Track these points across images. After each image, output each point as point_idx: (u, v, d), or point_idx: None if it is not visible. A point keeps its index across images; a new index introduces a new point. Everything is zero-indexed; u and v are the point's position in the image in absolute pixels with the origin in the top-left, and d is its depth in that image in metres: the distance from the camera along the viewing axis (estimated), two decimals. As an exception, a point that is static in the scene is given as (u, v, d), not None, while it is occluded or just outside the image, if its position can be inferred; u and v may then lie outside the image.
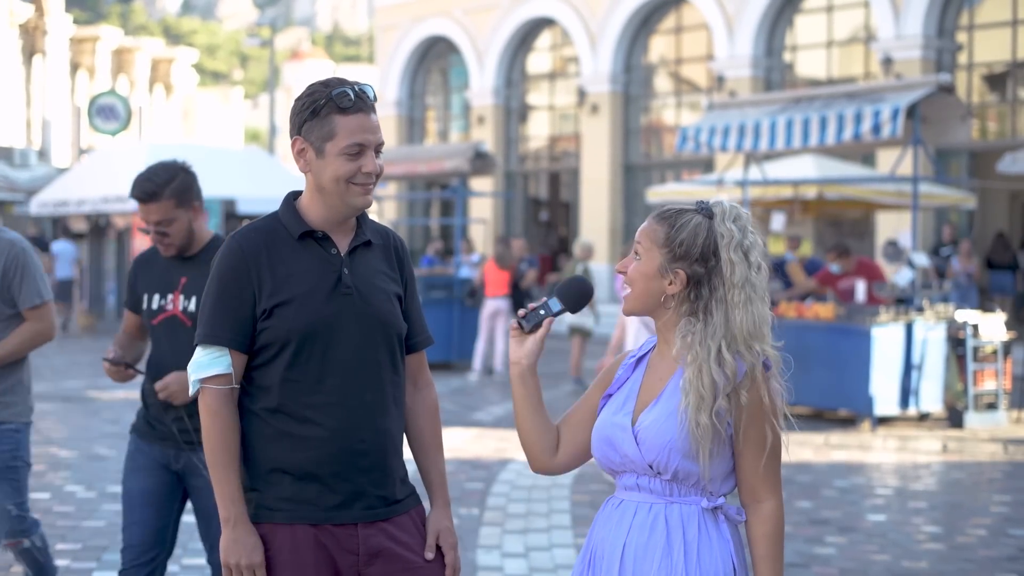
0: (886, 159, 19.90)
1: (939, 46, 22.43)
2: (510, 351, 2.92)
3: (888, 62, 22.44)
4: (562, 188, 31.47)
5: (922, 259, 13.86)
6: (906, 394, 12.15)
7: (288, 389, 3.00)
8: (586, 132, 28.23)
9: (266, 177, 24.44)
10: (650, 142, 28.46)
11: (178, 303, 4.44)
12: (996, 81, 23.11)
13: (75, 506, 8.04)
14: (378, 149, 3.01)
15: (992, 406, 12.24)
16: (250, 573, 2.95)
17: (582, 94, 28.06)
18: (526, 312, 2.89)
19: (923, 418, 12.54)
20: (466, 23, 30.70)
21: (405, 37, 32.46)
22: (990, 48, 22.62)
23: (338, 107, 2.96)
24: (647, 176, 27.74)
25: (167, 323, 4.45)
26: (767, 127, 14.16)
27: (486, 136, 29.23)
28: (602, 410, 2.91)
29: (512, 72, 30.40)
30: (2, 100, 39.54)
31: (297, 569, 2.98)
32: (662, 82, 28.43)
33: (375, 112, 3.02)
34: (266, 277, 2.99)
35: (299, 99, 3.03)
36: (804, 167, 17.16)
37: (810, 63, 25.50)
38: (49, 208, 25.81)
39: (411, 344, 3.19)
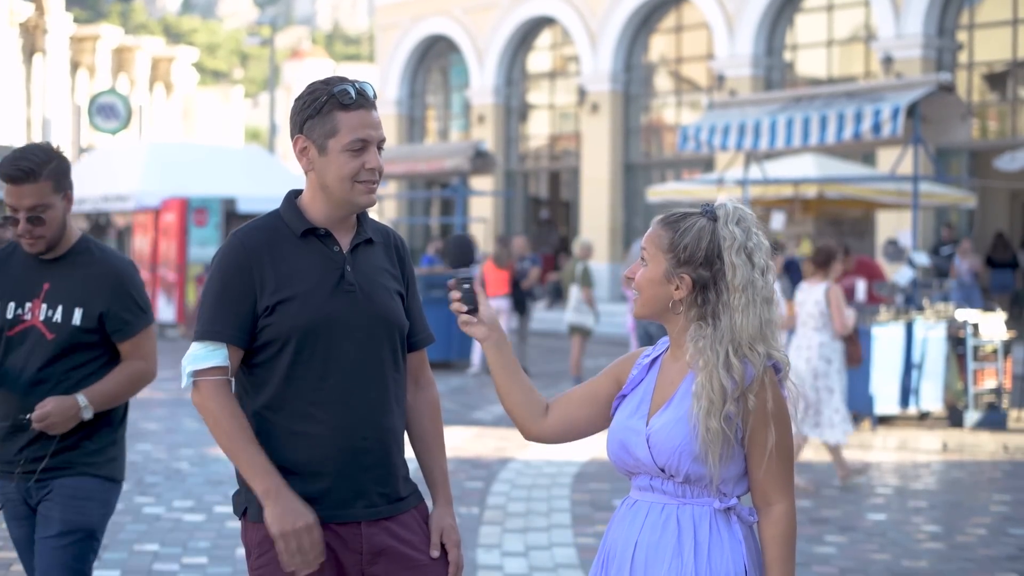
0: (886, 158, 19.89)
1: (939, 45, 22.43)
2: (475, 333, 2.93)
3: (888, 61, 22.44)
4: (562, 187, 31.47)
5: (922, 258, 13.87)
6: (906, 393, 12.15)
7: (291, 387, 2.99)
8: (586, 131, 28.23)
9: (266, 176, 24.44)
10: (650, 141, 28.46)
11: (38, 312, 3.89)
12: (996, 80, 23.11)
13: (75, 505, 8.03)
14: (380, 145, 3.02)
15: (992, 405, 12.25)
16: (308, 534, 2.88)
17: (582, 93, 28.05)
18: (457, 297, 2.91)
19: (923, 417, 12.54)
20: (466, 22, 30.69)
21: (405, 36, 32.46)
22: (990, 47, 22.62)
23: (340, 103, 2.96)
24: (647, 175, 27.74)
25: (25, 335, 3.89)
26: (767, 126, 14.16)
27: (486, 135, 29.23)
28: (616, 411, 2.93)
29: (512, 71, 30.40)
30: (2, 99, 39.54)
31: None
32: (662, 81, 28.43)
33: (376, 109, 3.03)
34: (268, 274, 2.98)
35: (300, 98, 3.03)
36: (804, 166, 17.15)
37: (810, 62, 25.50)
38: (49, 207, 25.81)
39: (413, 342, 3.19)
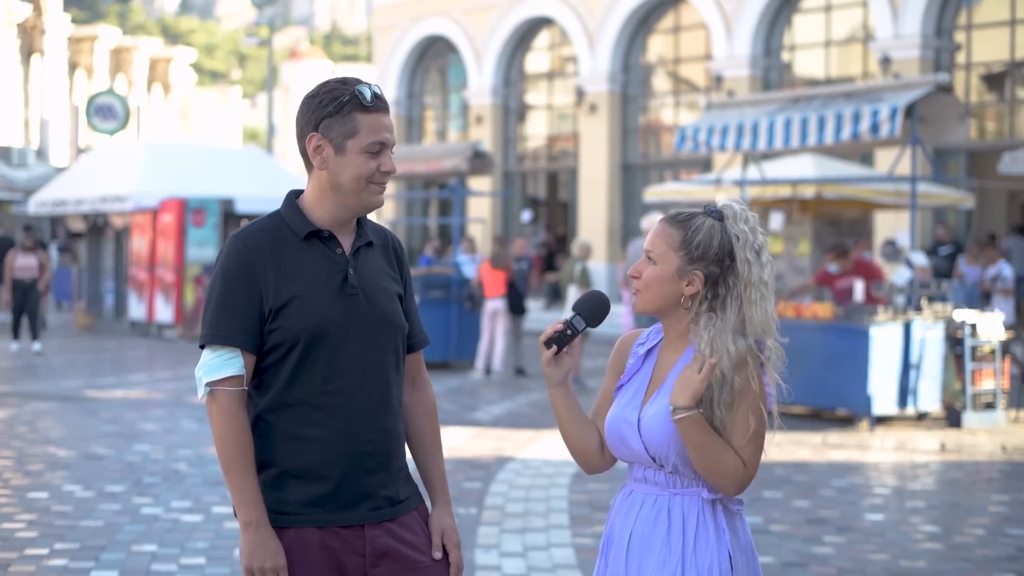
0: (884, 159, 19.90)
1: (937, 46, 22.44)
2: (547, 373, 2.97)
3: (886, 62, 22.45)
4: (560, 187, 31.47)
5: (920, 258, 13.86)
6: (904, 394, 12.15)
7: (295, 390, 2.98)
8: (584, 132, 28.22)
9: (264, 176, 24.45)
10: (648, 142, 28.47)
11: None
12: (994, 81, 23.12)
13: (73, 505, 8.03)
14: (392, 149, 3.03)
15: (990, 405, 12.25)
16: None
17: (580, 94, 28.05)
18: (553, 335, 2.94)
19: (921, 418, 12.53)
20: (464, 23, 30.69)
21: (403, 37, 32.45)
22: (988, 48, 22.63)
23: (361, 105, 2.94)
24: (645, 176, 27.75)
25: None
26: (765, 127, 14.16)
27: (484, 135, 29.23)
28: (615, 402, 3.00)
29: (510, 72, 30.39)
30: (1, 99, 39.52)
31: (304, 572, 2.97)
32: (660, 82, 28.43)
33: (389, 112, 3.03)
34: (272, 277, 2.96)
35: (316, 95, 2.99)
36: (802, 167, 17.15)
37: (808, 63, 25.51)
38: (47, 207, 25.80)
39: (410, 344, 3.18)
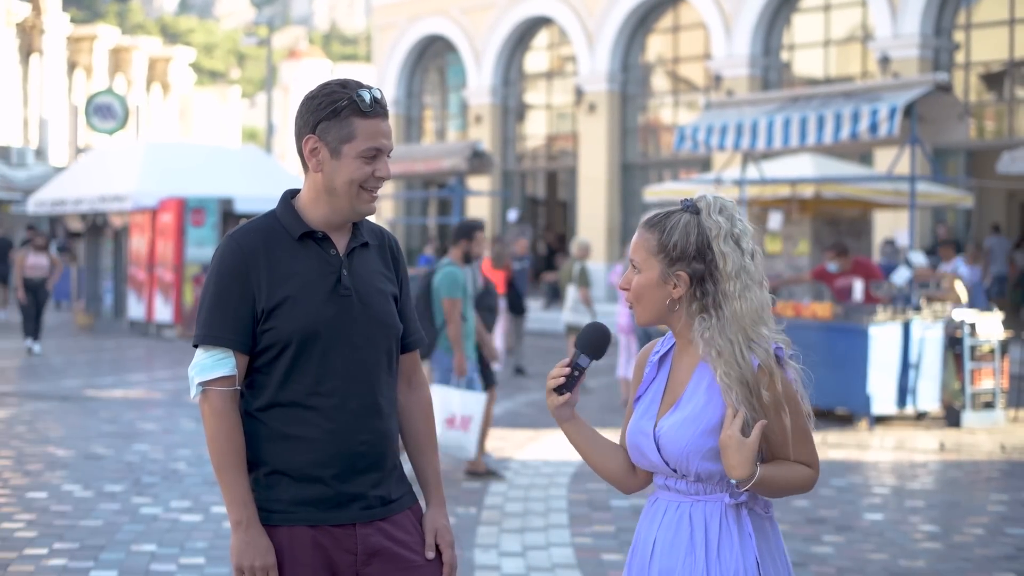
0: (883, 158, 19.90)
1: (936, 45, 22.44)
2: (558, 415, 2.92)
3: (885, 61, 22.45)
4: (559, 187, 31.46)
5: (919, 258, 13.87)
6: (903, 393, 12.16)
7: (287, 390, 2.98)
8: (583, 131, 28.22)
9: (263, 176, 24.43)
10: (647, 141, 28.46)
11: None
12: (993, 80, 23.12)
13: (72, 505, 8.03)
14: (388, 154, 3.02)
15: (989, 405, 12.26)
16: (264, 574, 2.93)
17: (579, 93, 28.05)
18: (563, 380, 2.89)
19: (920, 417, 12.54)
20: (463, 22, 30.69)
21: (402, 36, 32.45)
22: (987, 47, 22.63)
23: (359, 109, 2.93)
24: (644, 175, 27.75)
25: None
26: (764, 126, 14.16)
27: (483, 135, 29.22)
28: (633, 413, 2.95)
29: (509, 71, 30.39)
30: (-1, 99, 39.51)
31: (295, 570, 2.97)
32: (659, 81, 28.43)
33: (388, 117, 3.01)
34: (265, 277, 2.97)
35: (314, 97, 2.98)
36: (801, 166, 17.15)
37: (807, 62, 25.51)
38: (46, 207, 25.79)
39: (405, 343, 3.18)
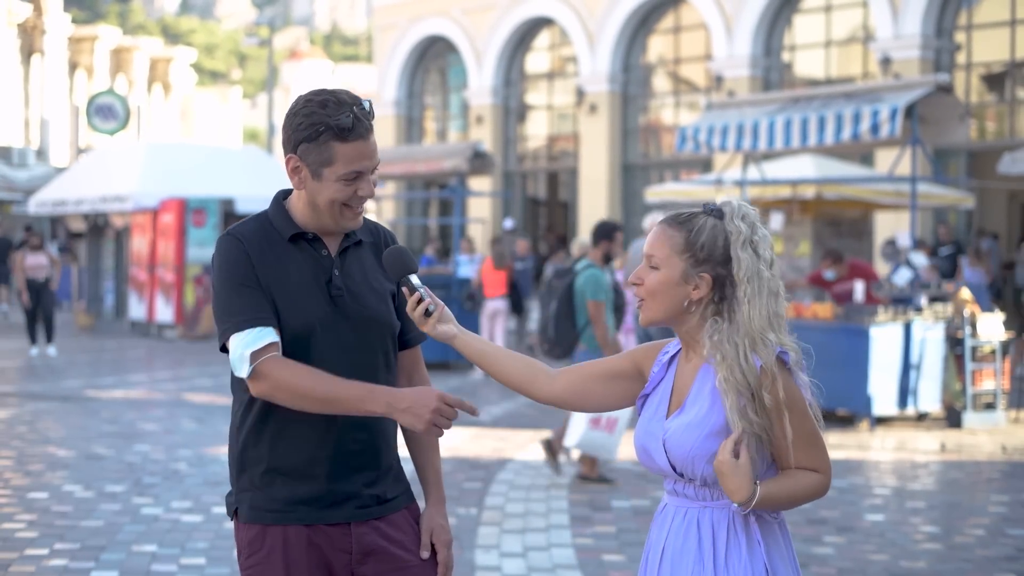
0: (884, 159, 19.89)
1: (937, 46, 22.44)
2: (439, 334, 2.94)
3: (886, 62, 22.44)
4: (560, 188, 31.45)
5: (920, 259, 13.87)
6: (904, 394, 12.15)
7: None
8: (584, 132, 28.22)
9: (264, 176, 24.40)
10: (648, 142, 28.46)
11: None
12: (994, 81, 23.11)
13: (73, 506, 8.03)
14: (373, 171, 2.97)
15: (990, 406, 12.25)
16: (440, 402, 2.87)
17: (580, 94, 28.05)
18: (422, 308, 2.92)
19: (921, 418, 12.53)
20: (464, 23, 30.69)
21: (403, 37, 32.44)
22: (988, 48, 22.62)
23: (336, 135, 2.89)
24: (645, 176, 27.74)
25: None
26: (765, 127, 14.16)
27: (484, 136, 29.21)
28: (641, 412, 2.94)
29: (510, 72, 30.38)
30: (1, 99, 39.52)
31: (290, 569, 2.97)
32: (660, 82, 28.43)
33: (372, 132, 2.95)
34: (260, 276, 2.96)
35: (295, 115, 2.94)
36: (802, 167, 17.15)
37: (809, 63, 25.50)
38: (47, 207, 25.80)
39: (406, 340, 3.16)
